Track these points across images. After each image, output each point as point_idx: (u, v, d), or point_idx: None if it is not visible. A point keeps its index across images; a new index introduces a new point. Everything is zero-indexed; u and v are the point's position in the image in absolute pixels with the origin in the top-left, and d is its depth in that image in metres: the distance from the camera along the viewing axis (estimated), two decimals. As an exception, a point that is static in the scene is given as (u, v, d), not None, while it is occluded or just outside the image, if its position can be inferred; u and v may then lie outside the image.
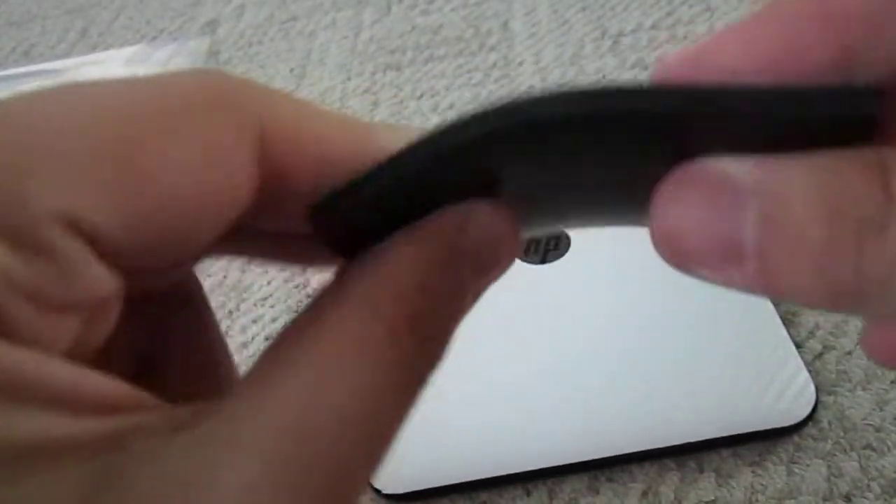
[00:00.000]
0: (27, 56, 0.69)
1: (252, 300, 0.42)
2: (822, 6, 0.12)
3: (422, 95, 0.53)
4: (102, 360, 0.13)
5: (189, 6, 0.69)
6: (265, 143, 0.13)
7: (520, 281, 0.36)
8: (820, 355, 0.32)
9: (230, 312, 0.41)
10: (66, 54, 0.67)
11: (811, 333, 0.33)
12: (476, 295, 0.15)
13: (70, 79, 0.64)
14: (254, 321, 0.41)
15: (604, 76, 0.51)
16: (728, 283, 0.13)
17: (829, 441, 0.30)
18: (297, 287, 0.42)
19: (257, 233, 0.15)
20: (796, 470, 0.29)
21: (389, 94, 0.54)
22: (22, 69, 0.65)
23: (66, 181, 0.11)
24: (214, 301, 0.42)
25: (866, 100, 0.11)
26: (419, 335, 0.13)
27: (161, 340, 0.16)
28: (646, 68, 0.50)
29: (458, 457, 0.31)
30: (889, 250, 0.11)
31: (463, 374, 0.33)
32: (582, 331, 0.33)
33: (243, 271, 0.44)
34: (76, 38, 0.69)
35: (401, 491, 0.30)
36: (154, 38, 0.67)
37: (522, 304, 0.35)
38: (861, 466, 0.29)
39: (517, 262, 0.41)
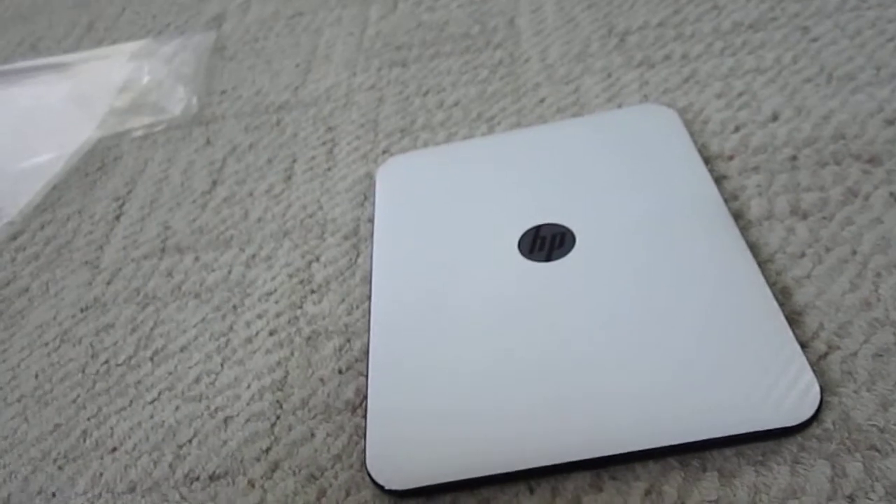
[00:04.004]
0: (34, 49, 0.69)
1: (256, 295, 0.42)
2: None
3: (427, 92, 0.53)
4: None
5: (195, 1, 0.69)
6: None
7: (525, 279, 0.36)
8: (825, 356, 0.32)
9: (234, 308, 0.42)
10: (73, 48, 0.67)
11: (816, 334, 0.33)
12: None
13: (76, 73, 0.65)
14: (258, 316, 0.41)
15: (610, 74, 0.50)
16: None
17: (833, 442, 0.30)
18: (301, 283, 0.42)
19: None
20: (800, 470, 0.29)
21: (395, 91, 0.54)
22: (29, 62, 0.65)
23: None
24: (218, 297, 0.42)
25: None
26: None
27: None
28: (652, 66, 0.50)
29: (462, 453, 0.31)
30: None
31: (467, 372, 0.33)
32: (587, 329, 0.33)
33: (248, 266, 0.44)
34: (82, 32, 0.70)
35: (404, 487, 0.30)
36: (160, 32, 0.67)
37: (527, 301, 0.35)
38: (865, 467, 0.29)
39: (523, 259, 0.41)
